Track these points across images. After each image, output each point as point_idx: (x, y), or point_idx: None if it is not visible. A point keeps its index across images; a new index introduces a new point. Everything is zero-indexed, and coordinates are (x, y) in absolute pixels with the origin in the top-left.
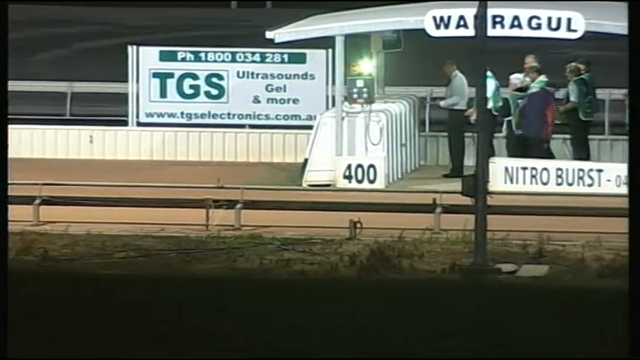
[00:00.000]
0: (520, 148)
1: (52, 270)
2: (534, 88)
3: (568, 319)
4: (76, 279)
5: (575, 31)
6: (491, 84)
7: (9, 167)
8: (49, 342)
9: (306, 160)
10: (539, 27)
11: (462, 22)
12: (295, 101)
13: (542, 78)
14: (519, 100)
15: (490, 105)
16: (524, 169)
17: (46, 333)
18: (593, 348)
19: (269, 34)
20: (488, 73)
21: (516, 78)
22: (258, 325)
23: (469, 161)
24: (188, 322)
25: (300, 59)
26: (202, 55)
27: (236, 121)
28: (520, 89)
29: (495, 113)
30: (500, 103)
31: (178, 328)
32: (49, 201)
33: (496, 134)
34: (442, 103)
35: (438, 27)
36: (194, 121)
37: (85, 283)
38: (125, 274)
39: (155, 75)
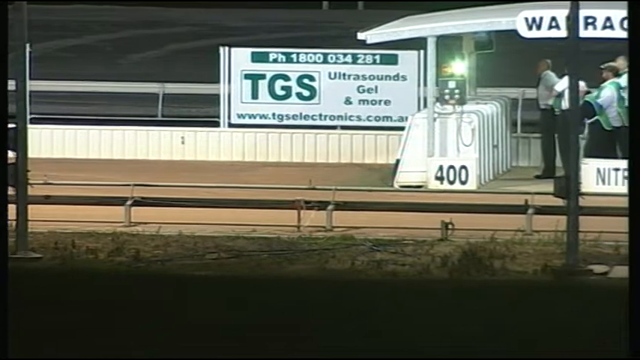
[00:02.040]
0: (610, 148)
1: (145, 271)
2: (605, 88)
3: None
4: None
5: None
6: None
7: (102, 169)
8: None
9: (397, 161)
10: None
11: (553, 23)
12: (387, 102)
13: (615, 79)
14: (598, 100)
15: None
16: (617, 170)
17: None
18: None
19: (361, 36)
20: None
21: (560, 85)
22: (350, 325)
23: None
24: (280, 322)
25: (392, 60)
26: (294, 56)
27: (328, 122)
28: (588, 92)
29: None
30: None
31: (273, 327)
32: (140, 202)
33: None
34: (540, 102)
35: (530, 28)
36: (286, 122)
37: (179, 283)
38: (222, 275)
39: (247, 76)
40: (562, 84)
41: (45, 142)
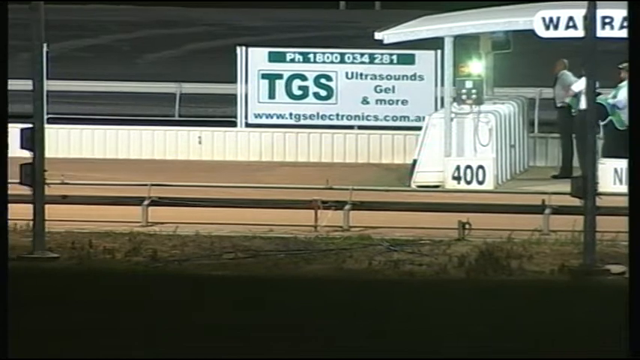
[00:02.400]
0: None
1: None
2: (622, 88)
3: None
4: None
5: None
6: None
7: (119, 169)
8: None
9: (414, 161)
10: None
11: (571, 23)
12: (404, 102)
13: None
14: (613, 100)
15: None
16: None
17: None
18: None
19: (378, 35)
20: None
21: (577, 86)
22: (367, 325)
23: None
24: (297, 322)
25: (409, 60)
26: (311, 56)
27: (345, 122)
28: (598, 94)
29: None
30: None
31: (286, 327)
32: (157, 202)
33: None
34: (557, 102)
35: (547, 28)
36: (303, 122)
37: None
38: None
39: (264, 76)
40: (579, 84)
41: (62, 141)
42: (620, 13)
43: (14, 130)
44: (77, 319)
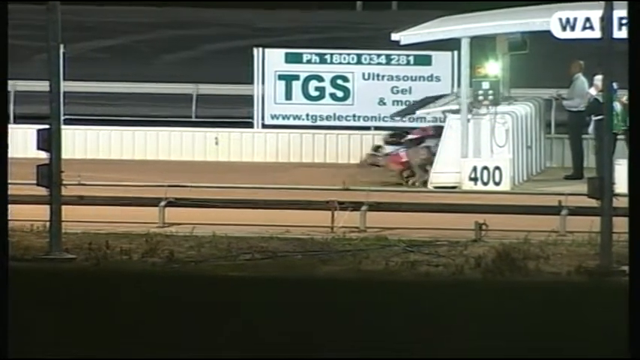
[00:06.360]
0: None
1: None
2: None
3: None
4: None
5: None
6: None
7: (136, 170)
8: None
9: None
10: None
11: (587, 24)
12: None
13: None
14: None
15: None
16: None
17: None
18: None
19: (395, 36)
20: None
21: (599, 80)
22: (381, 326)
23: (588, 163)
24: (312, 322)
25: (426, 61)
26: (328, 57)
27: (361, 123)
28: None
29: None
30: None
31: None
32: (174, 203)
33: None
34: (564, 103)
35: (564, 29)
36: (319, 123)
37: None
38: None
39: (281, 77)
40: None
41: (79, 142)
42: None
43: (31, 131)
44: (90, 319)
